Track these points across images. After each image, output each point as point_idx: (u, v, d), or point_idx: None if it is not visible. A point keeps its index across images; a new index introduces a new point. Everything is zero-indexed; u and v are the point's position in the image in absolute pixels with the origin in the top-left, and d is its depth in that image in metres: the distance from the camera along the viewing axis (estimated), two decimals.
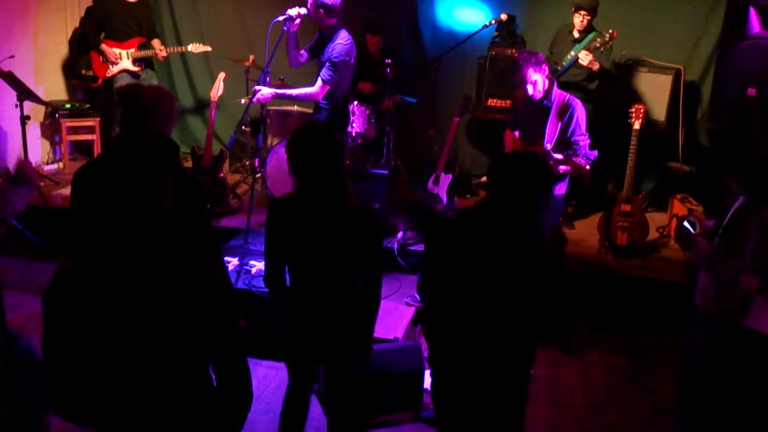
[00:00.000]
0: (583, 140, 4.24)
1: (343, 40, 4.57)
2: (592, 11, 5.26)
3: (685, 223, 3.05)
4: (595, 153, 4.28)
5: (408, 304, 4.59)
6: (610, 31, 4.99)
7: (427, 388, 3.64)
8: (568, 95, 4.31)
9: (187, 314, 1.87)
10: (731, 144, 3.32)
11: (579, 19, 5.28)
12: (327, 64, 4.59)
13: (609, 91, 5.65)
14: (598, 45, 5.05)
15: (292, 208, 2.65)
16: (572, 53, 5.22)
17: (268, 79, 4.74)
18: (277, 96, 4.73)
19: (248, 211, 4.78)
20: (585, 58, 5.07)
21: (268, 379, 3.89)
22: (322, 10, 4.49)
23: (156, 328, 1.88)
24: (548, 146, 4.25)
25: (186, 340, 1.89)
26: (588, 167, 4.29)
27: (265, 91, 4.64)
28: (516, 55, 4.63)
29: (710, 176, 5.51)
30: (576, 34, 5.34)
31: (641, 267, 4.95)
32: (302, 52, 4.79)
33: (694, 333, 3.03)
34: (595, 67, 5.13)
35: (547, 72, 4.24)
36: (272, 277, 2.74)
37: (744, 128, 4.90)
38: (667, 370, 4.09)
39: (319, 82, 4.63)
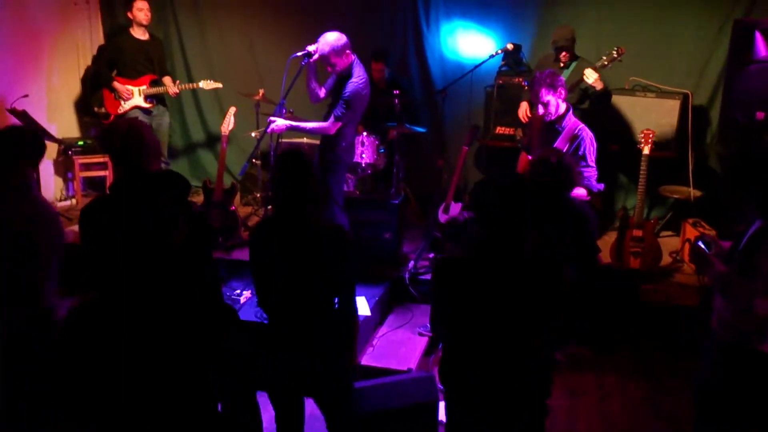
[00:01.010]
0: (588, 171, 4.23)
1: (357, 78, 4.65)
2: (572, 44, 5.32)
3: (700, 243, 3.00)
4: (602, 186, 4.26)
5: (420, 334, 4.57)
6: (616, 48, 4.98)
7: (442, 420, 3.60)
8: (581, 125, 4.30)
9: (190, 323, 1.89)
10: (744, 168, 3.32)
11: (562, 53, 5.34)
12: (341, 101, 4.66)
13: (614, 113, 5.68)
14: (605, 63, 5.02)
15: (266, 231, 2.81)
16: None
17: (283, 110, 4.79)
18: (290, 128, 4.79)
19: None
20: (591, 75, 5.00)
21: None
22: (332, 57, 4.55)
23: (163, 358, 1.89)
24: None
25: (189, 348, 1.90)
26: (587, 197, 4.24)
27: (279, 122, 4.70)
28: (536, 73, 4.63)
29: (721, 200, 5.49)
30: (561, 63, 5.38)
31: (655, 292, 4.92)
32: (322, 87, 4.86)
33: (710, 358, 2.99)
34: (600, 86, 5.12)
35: (563, 96, 4.25)
36: (261, 300, 2.85)
37: (756, 152, 4.87)
38: (684, 396, 4.03)
39: (332, 118, 4.71)
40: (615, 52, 4.97)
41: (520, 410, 2.69)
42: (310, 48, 4.58)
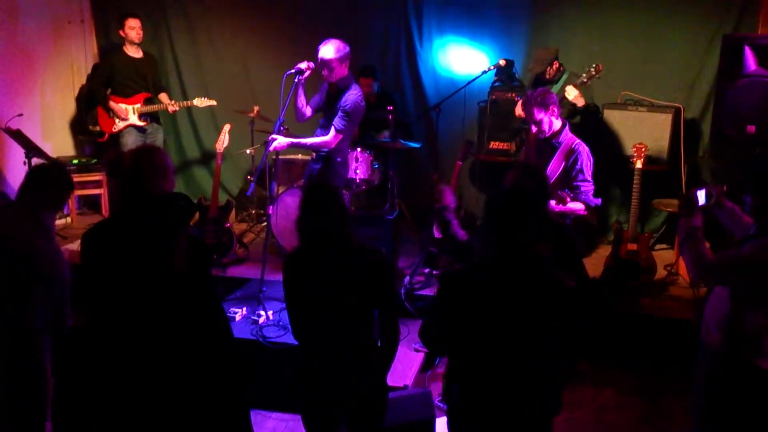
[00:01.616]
0: (585, 186, 4.24)
1: (355, 90, 4.72)
2: (555, 59, 5.42)
3: (698, 192, 2.98)
4: (599, 201, 4.27)
5: (417, 350, 4.56)
6: (594, 65, 5.06)
7: None
8: (577, 141, 4.32)
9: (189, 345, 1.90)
10: (737, 181, 3.36)
11: (551, 72, 5.44)
12: (340, 113, 4.70)
13: (606, 128, 5.73)
14: (585, 80, 5.10)
15: (304, 262, 2.72)
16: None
17: (282, 128, 4.81)
18: (291, 145, 4.81)
19: (263, 260, 4.78)
20: (571, 92, 5.11)
21: (278, 431, 3.86)
22: (336, 63, 4.60)
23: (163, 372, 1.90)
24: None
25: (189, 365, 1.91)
26: (585, 212, 4.26)
27: (281, 140, 4.71)
28: (528, 93, 4.69)
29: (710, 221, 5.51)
30: (548, 76, 5.46)
31: (650, 306, 4.93)
32: (308, 106, 4.88)
33: (704, 369, 3.00)
34: (580, 103, 5.19)
35: (556, 113, 4.27)
36: (297, 330, 2.79)
37: (747, 165, 4.91)
38: (678, 409, 4.04)
39: (333, 131, 4.73)
40: (593, 70, 5.05)
41: (528, 424, 2.66)
42: (302, 65, 4.61)
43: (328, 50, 4.62)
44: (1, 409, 3.08)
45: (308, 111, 4.88)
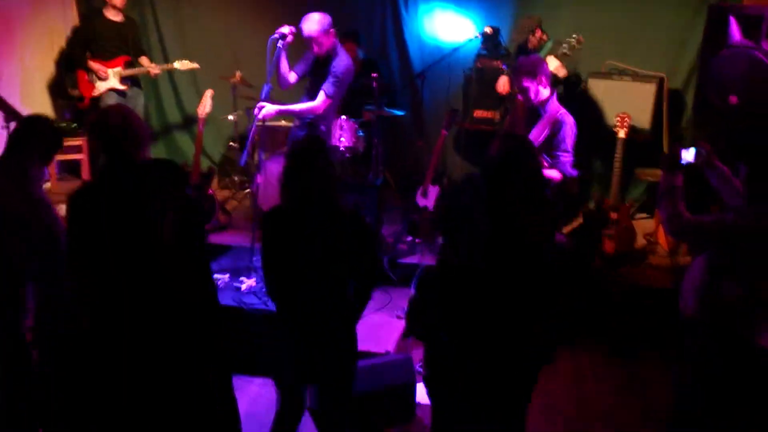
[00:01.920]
0: (565, 156, 4.24)
1: (344, 55, 4.67)
2: (537, 26, 5.42)
3: (687, 151, 2.98)
4: (575, 172, 4.29)
5: (399, 317, 4.60)
6: (575, 36, 5.04)
7: (419, 402, 3.65)
8: (562, 110, 4.30)
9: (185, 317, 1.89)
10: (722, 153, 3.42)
11: (533, 41, 5.44)
12: (330, 78, 4.63)
13: (590, 97, 5.73)
14: (566, 51, 5.08)
15: (283, 219, 2.73)
16: None
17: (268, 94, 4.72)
18: (279, 112, 4.75)
19: (252, 230, 4.76)
20: (552, 63, 5.07)
21: (261, 396, 3.89)
22: (321, 36, 4.54)
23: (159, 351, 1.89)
24: None
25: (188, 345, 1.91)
26: (559, 179, 4.24)
27: (269, 108, 4.62)
28: (519, 59, 4.67)
29: (696, 182, 5.54)
30: (530, 46, 5.45)
31: (629, 274, 4.98)
32: (292, 71, 4.81)
33: (684, 339, 3.05)
34: (561, 73, 5.18)
35: (544, 82, 4.25)
36: (273, 289, 2.79)
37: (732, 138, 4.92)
38: (658, 378, 4.11)
39: (322, 95, 4.65)
40: (575, 41, 5.05)
41: (509, 402, 2.67)
42: (284, 30, 4.53)
43: (312, 25, 4.53)
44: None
45: (292, 77, 4.81)
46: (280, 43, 4.54)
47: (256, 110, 4.59)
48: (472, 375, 2.52)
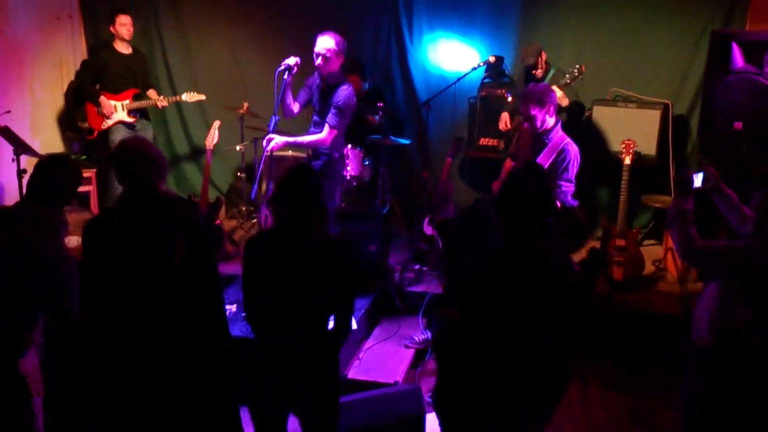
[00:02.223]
0: (566, 186, 4.25)
1: (346, 87, 4.69)
2: (539, 53, 5.44)
3: (696, 175, 2.97)
4: (575, 203, 4.30)
5: (407, 347, 4.58)
6: (578, 66, 5.08)
7: None
8: (567, 140, 4.32)
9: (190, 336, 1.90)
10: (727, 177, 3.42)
11: (540, 69, 5.45)
12: (333, 110, 4.65)
13: (595, 124, 5.76)
14: (568, 81, 5.12)
15: (265, 244, 2.78)
16: None
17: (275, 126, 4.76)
18: (288, 144, 4.80)
19: None
20: (556, 92, 5.11)
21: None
22: (334, 56, 4.58)
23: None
24: None
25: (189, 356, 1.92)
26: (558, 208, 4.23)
27: (278, 140, 4.66)
28: (528, 86, 4.70)
29: (703, 208, 5.54)
30: (539, 74, 5.47)
31: (638, 301, 4.96)
32: (296, 103, 4.85)
33: (694, 367, 3.03)
34: (564, 103, 5.21)
35: (551, 111, 4.27)
36: (250, 315, 2.81)
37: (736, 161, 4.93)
38: (667, 405, 4.07)
39: (327, 128, 4.67)
40: (576, 71, 5.08)
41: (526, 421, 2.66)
42: (290, 62, 4.58)
43: (329, 41, 4.57)
44: None
45: (296, 107, 4.85)
46: (285, 75, 4.59)
47: (264, 142, 4.62)
48: (485, 400, 2.51)
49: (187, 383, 1.91)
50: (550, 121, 4.31)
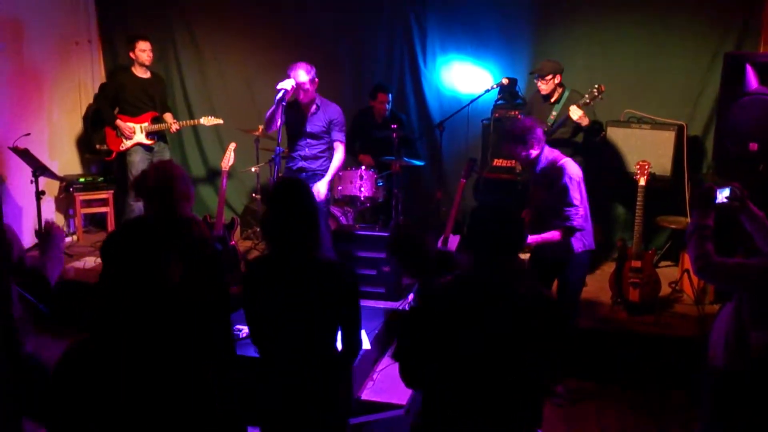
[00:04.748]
0: (568, 210, 4.10)
1: (332, 104, 5.06)
2: (557, 73, 5.39)
3: (721, 190, 2.90)
4: (586, 225, 4.19)
5: None
6: (597, 86, 5.08)
7: None
8: (563, 159, 4.20)
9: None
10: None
11: (545, 86, 5.40)
12: (337, 128, 5.01)
13: (610, 145, 5.76)
14: (588, 101, 5.12)
15: (262, 268, 2.75)
16: (554, 113, 5.36)
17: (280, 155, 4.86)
18: (329, 185, 5.07)
19: None
20: (575, 113, 5.09)
21: None
22: (310, 84, 4.89)
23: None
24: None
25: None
26: (560, 238, 4.12)
27: (322, 190, 4.94)
28: (507, 126, 4.67)
29: (719, 229, 5.51)
30: (552, 99, 5.46)
31: (654, 323, 4.92)
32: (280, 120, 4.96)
33: (710, 391, 3.00)
34: (585, 122, 5.19)
35: (535, 146, 4.14)
36: (256, 337, 2.79)
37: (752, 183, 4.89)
38: (684, 428, 4.02)
39: (341, 147, 5.03)
40: (596, 90, 5.06)
41: None
42: (286, 86, 4.77)
43: (301, 74, 4.84)
44: None
45: (279, 123, 4.93)
46: (284, 101, 4.78)
47: (316, 195, 4.56)
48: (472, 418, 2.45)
49: (185, 400, 1.92)
50: (534, 153, 4.20)
